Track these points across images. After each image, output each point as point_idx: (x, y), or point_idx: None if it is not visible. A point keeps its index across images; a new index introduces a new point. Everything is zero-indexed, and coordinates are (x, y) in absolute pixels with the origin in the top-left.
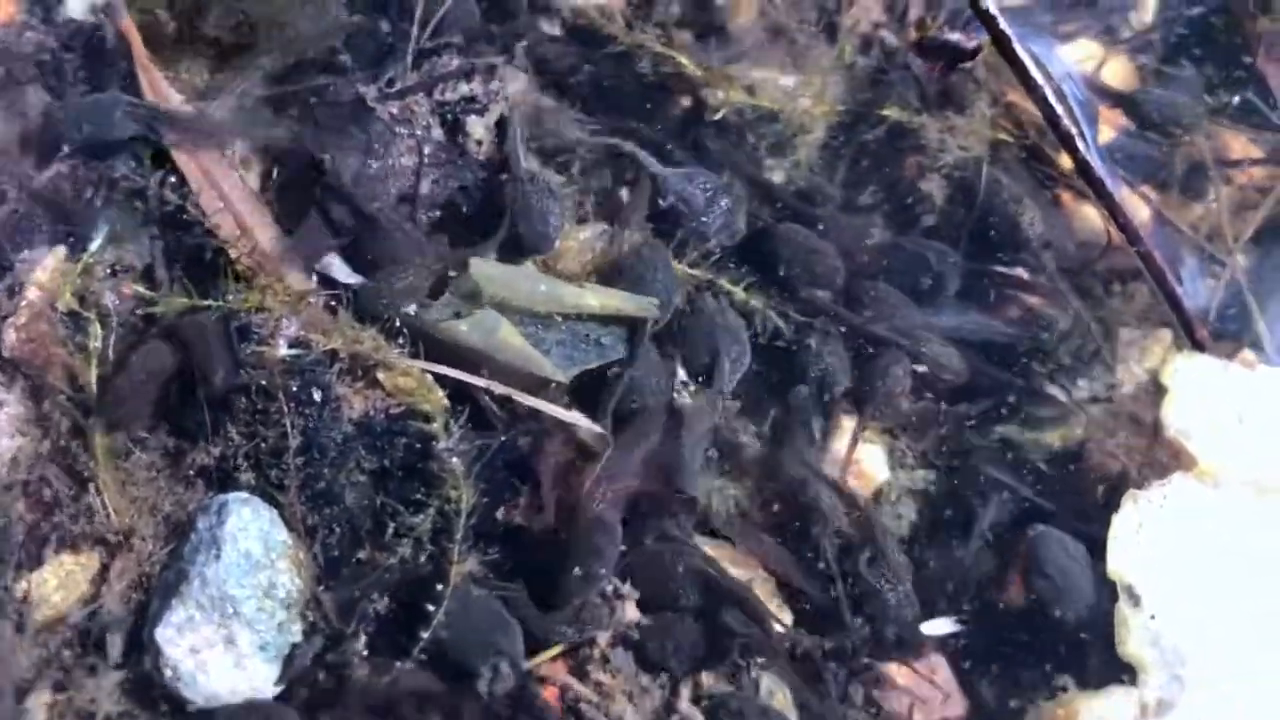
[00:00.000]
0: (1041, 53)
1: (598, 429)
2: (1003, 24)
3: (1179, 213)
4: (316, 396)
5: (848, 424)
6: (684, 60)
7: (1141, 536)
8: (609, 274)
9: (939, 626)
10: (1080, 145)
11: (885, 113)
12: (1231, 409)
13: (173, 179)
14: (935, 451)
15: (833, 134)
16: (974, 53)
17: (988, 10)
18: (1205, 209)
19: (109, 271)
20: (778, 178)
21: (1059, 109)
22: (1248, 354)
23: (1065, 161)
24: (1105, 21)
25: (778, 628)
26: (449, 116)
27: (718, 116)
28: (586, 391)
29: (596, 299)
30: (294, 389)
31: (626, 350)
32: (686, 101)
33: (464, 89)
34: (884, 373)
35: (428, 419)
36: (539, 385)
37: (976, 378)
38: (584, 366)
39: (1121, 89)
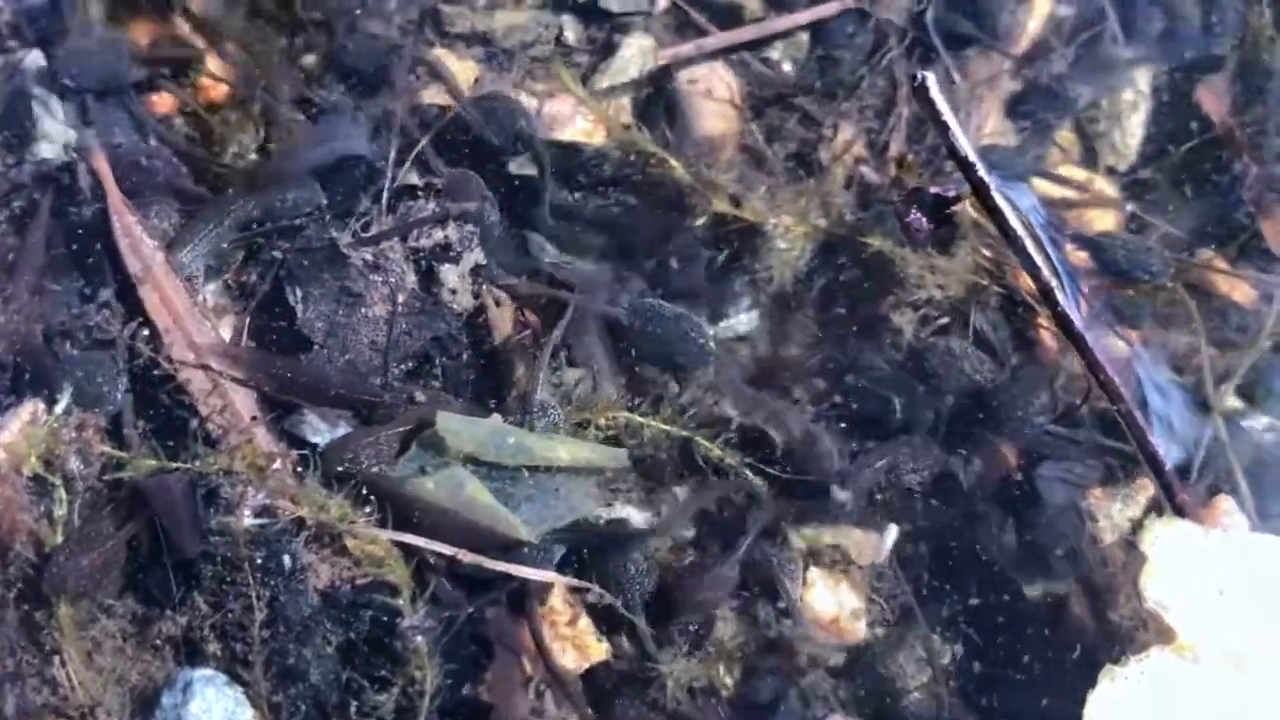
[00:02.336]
0: (1018, 198)
1: (576, 582)
2: (981, 171)
3: (1160, 356)
4: (282, 567)
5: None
6: (674, 163)
7: (1119, 716)
8: None
9: None
10: (1060, 299)
11: (868, 241)
12: (1212, 579)
13: (145, 331)
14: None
15: (813, 255)
16: (957, 200)
17: (966, 158)
18: (1188, 351)
19: (76, 431)
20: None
21: (1039, 260)
22: (1229, 509)
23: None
24: (1087, 156)
25: None
26: (423, 264)
27: (699, 222)
28: None
29: (566, 451)
30: (259, 560)
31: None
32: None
33: (438, 235)
34: None
35: (394, 591)
36: (511, 544)
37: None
38: (554, 524)
39: (1090, 233)
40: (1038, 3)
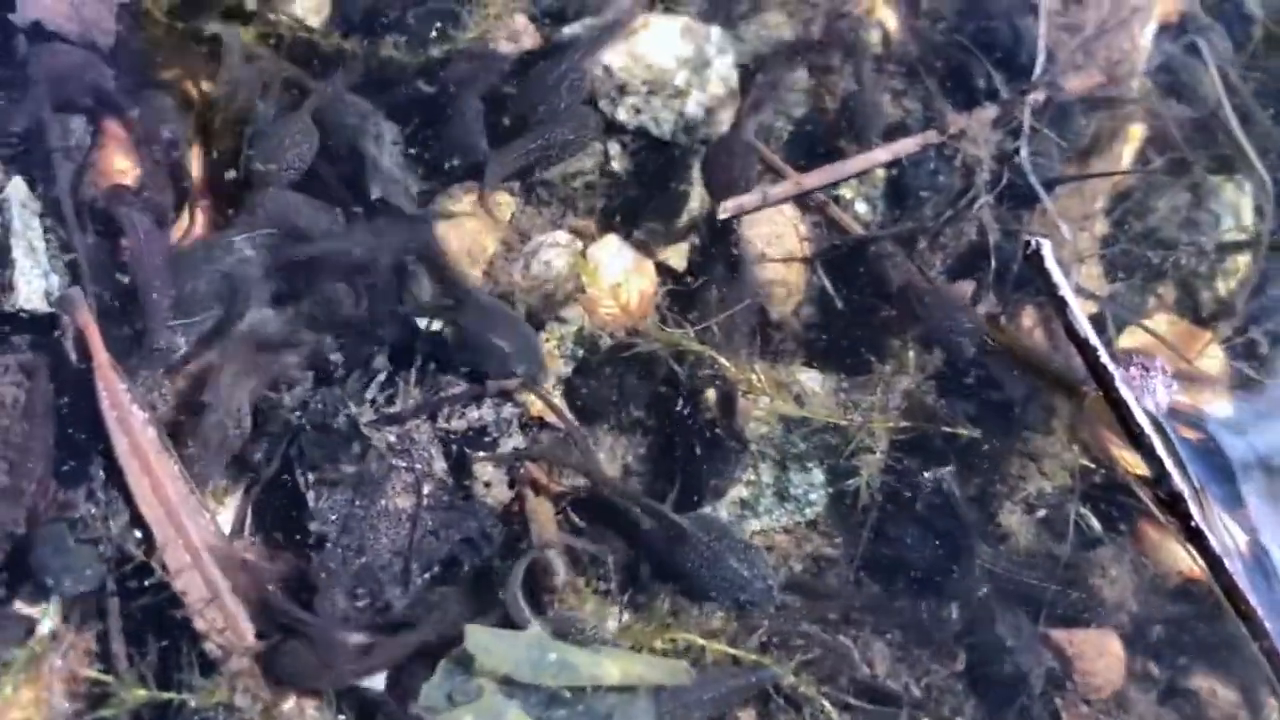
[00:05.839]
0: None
1: None
2: (1104, 356)
3: None
4: None
5: None
6: (723, 361)
7: None
8: None
9: None
10: (1194, 512)
11: (958, 431)
12: None
13: (137, 532)
14: None
15: (898, 455)
16: None
17: (1087, 340)
18: None
19: (62, 658)
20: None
21: (1169, 463)
22: None
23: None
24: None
25: None
26: (454, 449)
27: (763, 432)
28: None
29: (617, 666)
30: None
31: None
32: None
33: (473, 415)
34: None
35: None
36: None
37: None
38: None
39: (1200, 413)
40: (1133, 132)
